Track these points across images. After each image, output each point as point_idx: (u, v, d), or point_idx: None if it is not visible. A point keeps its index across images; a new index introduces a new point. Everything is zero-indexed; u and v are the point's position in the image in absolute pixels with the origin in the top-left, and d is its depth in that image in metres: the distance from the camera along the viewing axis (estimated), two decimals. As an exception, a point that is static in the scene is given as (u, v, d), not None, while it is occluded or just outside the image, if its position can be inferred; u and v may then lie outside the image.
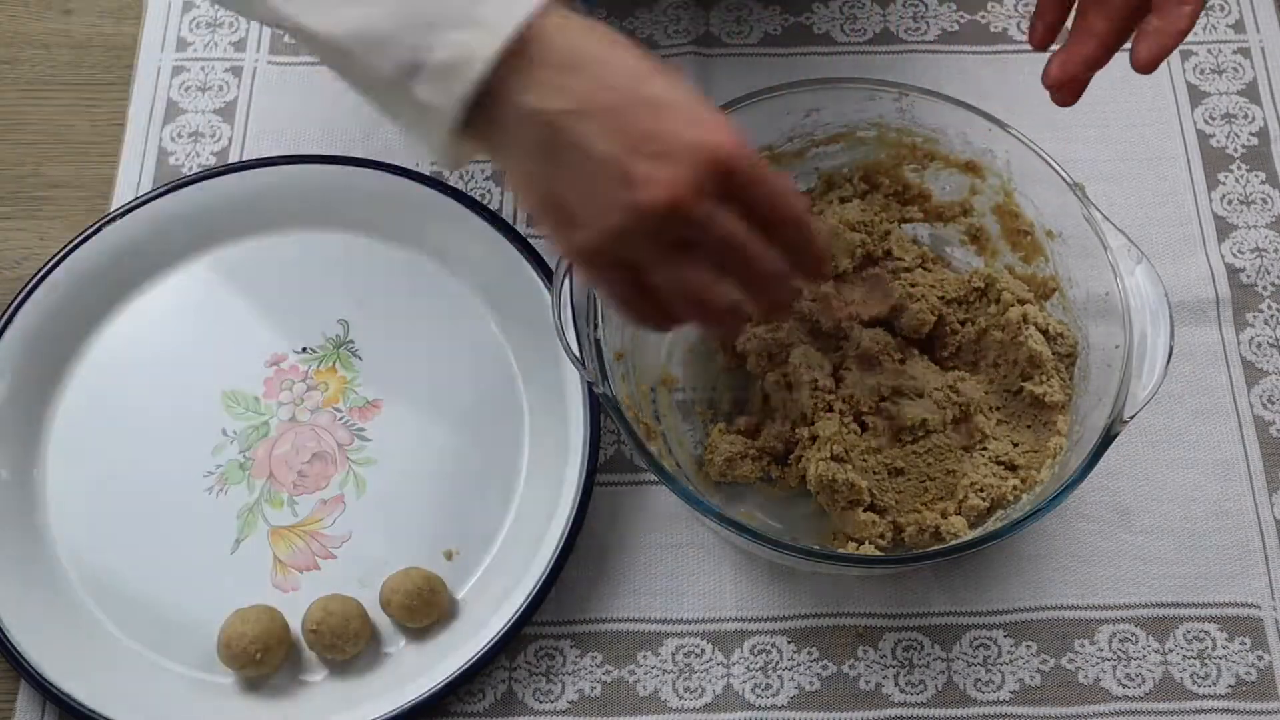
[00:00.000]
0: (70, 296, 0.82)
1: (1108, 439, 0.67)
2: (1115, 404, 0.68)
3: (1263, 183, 0.89)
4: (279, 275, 0.85)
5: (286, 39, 0.94)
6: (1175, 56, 0.93)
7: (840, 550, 0.74)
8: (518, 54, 0.55)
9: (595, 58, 0.56)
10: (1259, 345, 0.84)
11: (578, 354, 0.70)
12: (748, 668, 0.75)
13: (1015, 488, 0.74)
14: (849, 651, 0.76)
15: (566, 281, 0.71)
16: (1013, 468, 0.75)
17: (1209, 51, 0.93)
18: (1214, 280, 0.85)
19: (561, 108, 0.55)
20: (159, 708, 0.73)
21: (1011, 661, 0.75)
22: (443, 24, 0.56)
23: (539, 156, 0.56)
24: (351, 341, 0.83)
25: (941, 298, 0.79)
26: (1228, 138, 0.90)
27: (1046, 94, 0.66)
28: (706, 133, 0.54)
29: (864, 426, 0.75)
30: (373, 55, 0.58)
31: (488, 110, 0.56)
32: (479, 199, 0.86)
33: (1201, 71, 0.93)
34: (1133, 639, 0.76)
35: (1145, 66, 0.65)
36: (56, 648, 0.74)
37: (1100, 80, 0.92)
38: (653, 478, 0.79)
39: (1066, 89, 0.68)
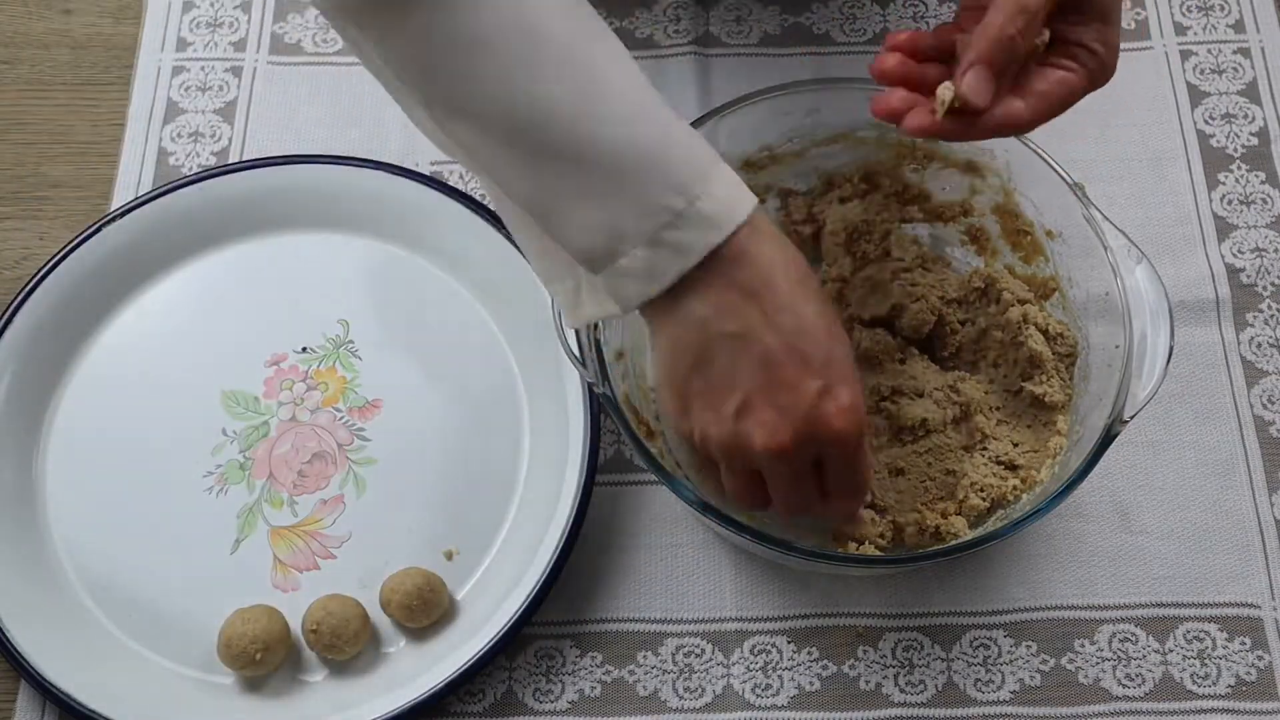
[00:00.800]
0: (70, 296, 0.82)
1: (1108, 439, 0.67)
2: (1115, 404, 0.68)
3: (1263, 183, 0.89)
4: (279, 275, 0.85)
5: (287, 38, 0.94)
6: (1175, 56, 0.93)
7: (840, 550, 0.74)
8: (714, 257, 0.59)
9: (776, 289, 0.60)
10: (1259, 345, 0.84)
11: (578, 354, 0.70)
12: (748, 668, 0.75)
13: (1015, 488, 0.74)
14: (849, 651, 0.76)
15: (567, 282, 0.71)
16: (1013, 468, 0.75)
17: (1209, 51, 0.93)
18: (1214, 280, 0.85)
19: (730, 330, 0.60)
20: (159, 708, 0.73)
21: (1011, 661, 0.75)
22: (679, 223, 0.58)
23: (688, 354, 0.61)
24: (351, 341, 0.83)
25: (941, 298, 0.79)
26: (1228, 138, 0.90)
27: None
28: (830, 409, 0.60)
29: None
30: (608, 242, 0.60)
31: (670, 296, 0.60)
32: (479, 199, 0.86)
33: (1201, 71, 0.93)
34: (1133, 639, 0.76)
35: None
36: (56, 648, 0.74)
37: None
38: (653, 478, 0.79)
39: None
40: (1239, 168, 0.89)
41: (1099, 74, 0.64)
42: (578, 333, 0.70)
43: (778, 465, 0.62)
